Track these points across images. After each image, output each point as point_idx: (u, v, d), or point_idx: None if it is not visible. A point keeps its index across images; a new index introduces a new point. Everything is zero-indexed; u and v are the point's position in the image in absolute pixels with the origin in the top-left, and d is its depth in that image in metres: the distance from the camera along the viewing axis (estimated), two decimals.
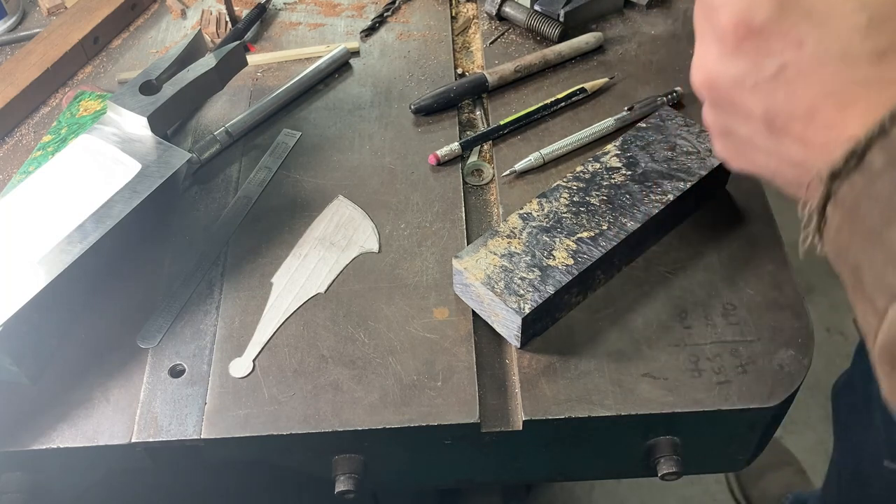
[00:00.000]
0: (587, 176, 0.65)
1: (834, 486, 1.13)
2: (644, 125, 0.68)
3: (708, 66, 0.40)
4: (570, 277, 0.58)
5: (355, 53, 0.84)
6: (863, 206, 0.33)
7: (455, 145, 0.73)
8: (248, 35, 0.87)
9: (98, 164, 0.65)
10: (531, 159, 0.71)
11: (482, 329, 0.62)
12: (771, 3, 0.36)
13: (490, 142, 0.74)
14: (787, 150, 0.38)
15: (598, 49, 0.81)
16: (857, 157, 0.33)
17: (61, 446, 0.57)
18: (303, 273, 0.65)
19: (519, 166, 0.71)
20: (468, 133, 0.76)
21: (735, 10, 0.37)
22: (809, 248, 0.38)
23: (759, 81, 0.37)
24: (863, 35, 0.34)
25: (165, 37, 0.88)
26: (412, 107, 0.76)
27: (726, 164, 0.45)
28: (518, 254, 0.60)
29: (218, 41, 0.86)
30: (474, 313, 0.62)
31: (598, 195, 0.63)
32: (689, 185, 0.63)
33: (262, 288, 0.65)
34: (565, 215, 0.62)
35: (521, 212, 0.63)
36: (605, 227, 0.61)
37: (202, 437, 0.57)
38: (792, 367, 0.58)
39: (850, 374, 1.10)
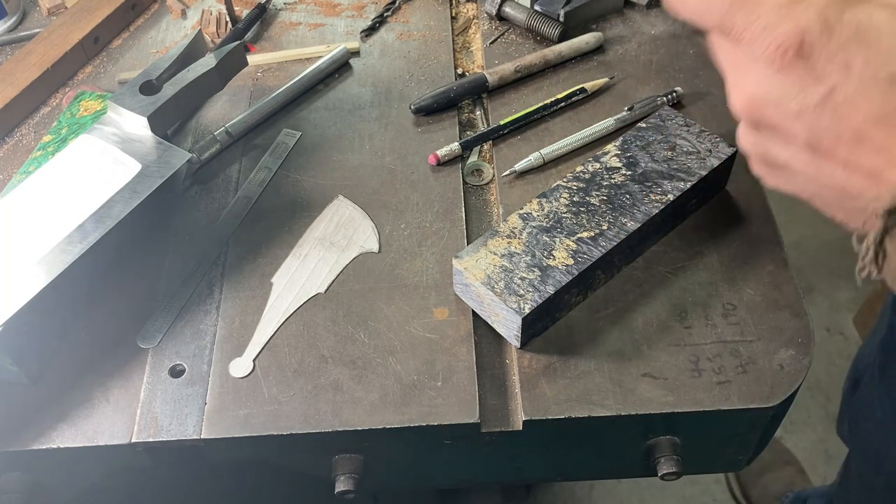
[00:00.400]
0: (587, 176, 0.65)
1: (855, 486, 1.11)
2: (644, 125, 0.68)
3: (749, 88, 0.39)
4: (570, 277, 0.58)
5: (355, 53, 0.84)
6: None
7: (455, 145, 0.73)
8: (248, 35, 0.87)
9: (98, 164, 0.65)
10: (531, 159, 0.71)
11: (482, 329, 0.62)
12: (818, 23, 0.35)
13: (490, 142, 0.74)
14: (830, 174, 0.37)
15: (598, 49, 0.81)
16: None
17: (61, 446, 0.57)
18: (303, 273, 0.65)
19: (519, 166, 0.71)
20: (468, 133, 0.76)
21: (783, 32, 0.36)
22: (866, 277, 0.37)
23: (805, 105, 0.36)
24: None
25: (165, 37, 0.88)
26: (412, 107, 0.76)
27: (762, 181, 0.44)
28: (518, 254, 0.60)
29: (218, 41, 0.86)
30: (474, 313, 0.62)
31: (598, 195, 0.63)
32: (689, 185, 0.63)
33: (262, 288, 0.65)
34: (565, 215, 0.62)
35: (521, 212, 0.63)
36: (605, 227, 0.61)
37: (202, 437, 0.57)
38: (792, 367, 0.58)
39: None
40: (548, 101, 0.76)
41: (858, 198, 0.36)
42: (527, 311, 0.57)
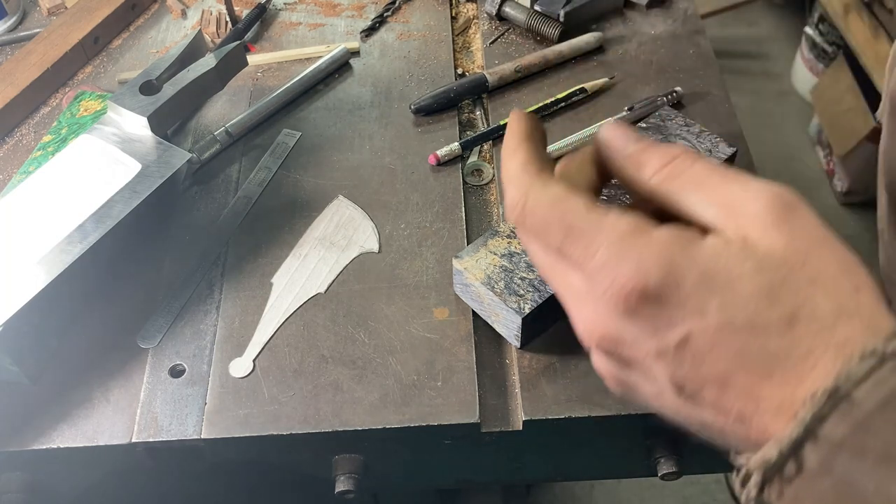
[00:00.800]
0: None
1: None
2: (644, 125, 0.68)
3: (597, 325, 0.35)
4: None
5: (355, 53, 0.84)
6: (806, 503, 0.31)
7: (455, 145, 0.73)
8: (248, 35, 0.87)
9: (98, 164, 0.65)
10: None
11: (482, 329, 0.62)
12: (661, 269, 0.32)
13: (490, 142, 0.74)
14: (698, 413, 0.35)
15: (598, 49, 0.81)
16: (786, 455, 0.31)
17: (61, 446, 0.57)
18: (303, 273, 0.65)
19: None
20: (468, 133, 0.76)
21: (622, 276, 0.33)
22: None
23: (662, 350, 0.34)
24: (767, 300, 0.31)
25: (165, 37, 0.88)
26: (412, 107, 0.76)
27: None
28: (518, 254, 0.60)
29: (218, 41, 0.86)
30: (474, 313, 0.62)
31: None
32: None
33: (262, 288, 0.65)
34: None
35: None
36: None
37: (202, 437, 0.57)
38: None
39: None
40: (548, 101, 0.76)
41: (731, 439, 0.34)
42: (527, 311, 0.57)
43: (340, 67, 0.82)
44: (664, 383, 0.35)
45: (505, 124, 0.74)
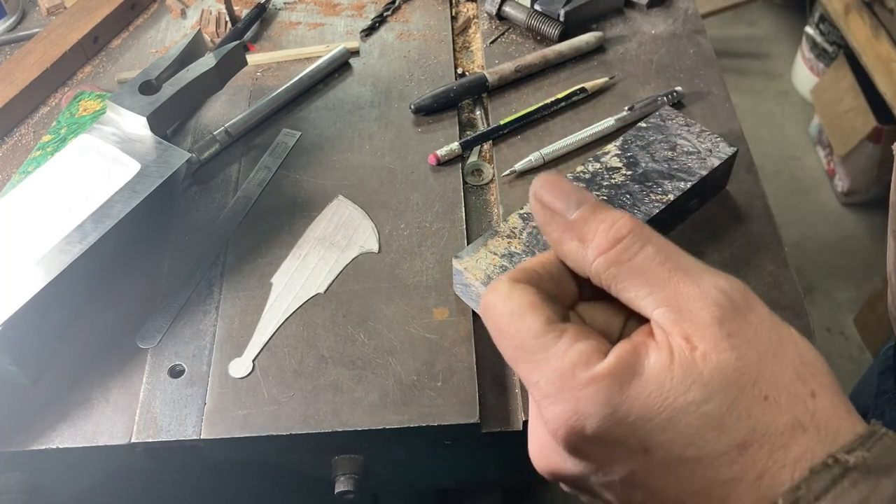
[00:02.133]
0: (587, 176, 0.65)
1: None
2: (644, 125, 0.68)
3: (546, 456, 0.35)
4: None
5: (355, 53, 0.84)
6: None
7: (455, 145, 0.73)
8: (248, 35, 0.87)
9: (97, 164, 0.65)
10: (531, 159, 0.71)
11: (482, 329, 0.62)
12: (601, 411, 0.31)
13: (490, 142, 0.74)
14: None
15: (599, 49, 0.81)
16: None
17: (61, 446, 0.57)
18: (302, 273, 0.65)
19: (519, 166, 0.71)
20: (468, 133, 0.76)
21: (560, 418, 0.32)
22: None
23: (609, 485, 0.33)
24: (716, 431, 0.30)
25: (165, 37, 0.88)
26: (412, 106, 0.76)
27: None
28: (518, 254, 0.60)
29: (218, 41, 0.86)
30: (474, 313, 0.62)
31: (598, 195, 0.63)
32: (689, 185, 0.63)
33: (262, 288, 0.65)
34: None
35: (521, 212, 0.63)
36: None
37: (202, 437, 0.56)
38: None
39: None
40: (548, 100, 0.76)
41: None
42: None
43: (340, 67, 0.82)
44: None
45: (506, 124, 0.74)
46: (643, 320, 0.34)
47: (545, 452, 0.35)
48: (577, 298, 0.38)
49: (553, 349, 0.33)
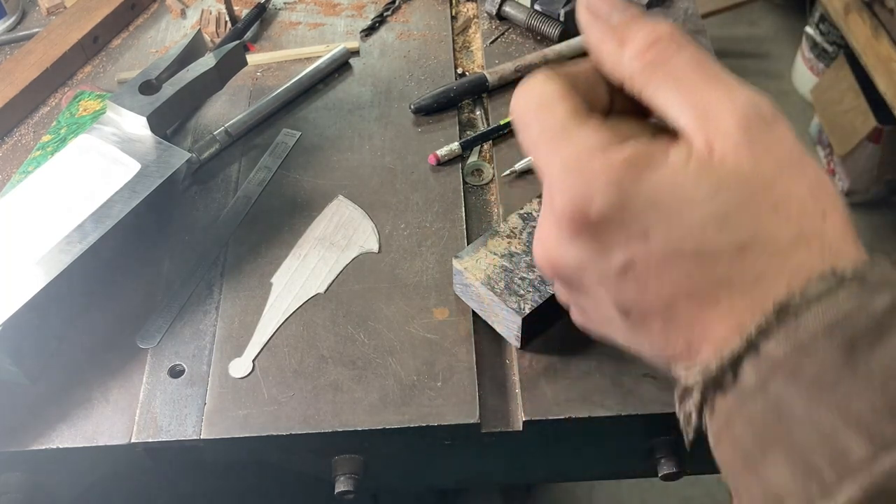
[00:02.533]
0: None
1: None
2: None
3: (548, 245, 0.35)
4: None
5: (355, 53, 0.84)
6: (737, 425, 0.30)
7: (455, 145, 0.73)
8: (248, 35, 0.87)
9: (97, 164, 0.65)
10: (531, 159, 0.71)
11: (482, 329, 0.62)
12: (609, 191, 0.31)
13: (490, 142, 0.74)
14: (647, 341, 0.34)
15: None
16: (726, 370, 0.30)
17: (61, 446, 0.57)
18: (302, 273, 0.65)
19: (519, 166, 0.71)
20: (468, 133, 0.76)
21: (568, 197, 0.32)
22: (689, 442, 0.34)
23: (605, 274, 0.33)
24: (719, 227, 0.30)
25: (165, 36, 0.88)
26: (412, 106, 0.76)
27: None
28: (518, 254, 0.60)
29: (218, 41, 0.86)
30: (474, 313, 0.62)
31: None
32: None
33: (262, 288, 0.65)
34: None
35: (521, 212, 0.63)
36: None
37: (202, 437, 0.56)
38: None
39: None
40: None
41: (677, 363, 0.33)
42: (527, 311, 0.56)
43: (340, 67, 0.82)
44: (610, 309, 0.34)
45: (506, 124, 0.74)
46: (670, 140, 0.35)
47: (548, 243, 0.35)
48: (608, 109, 0.38)
49: (576, 133, 0.33)
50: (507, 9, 0.85)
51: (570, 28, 0.82)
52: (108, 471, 0.60)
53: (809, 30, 2.05)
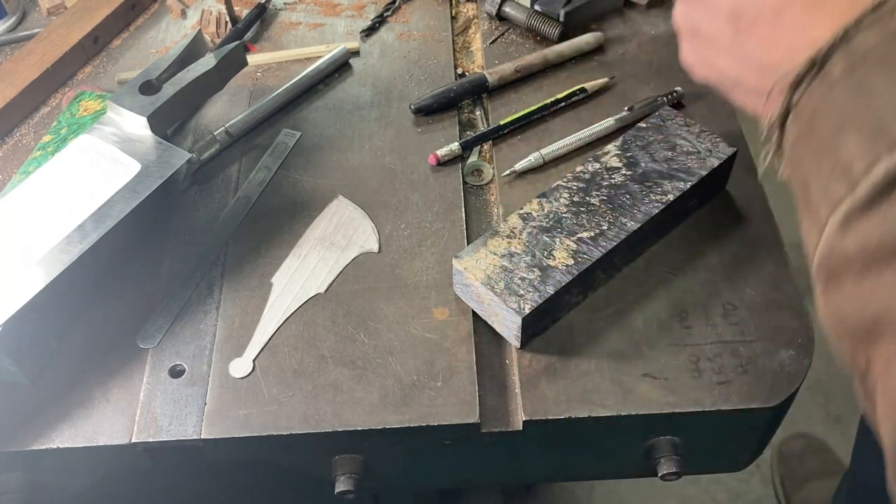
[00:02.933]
0: (587, 176, 0.65)
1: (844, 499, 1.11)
2: (644, 125, 0.68)
3: None
4: (571, 277, 0.58)
5: (355, 53, 0.84)
6: (818, 116, 0.33)
7: (455, 145, 0.73)
8: (248, 35, 0.87)
9: (98, 164, 0.65)
10: (531, 159, 0.71)
11: (482, 329, 0.62)
12: None
13: (490, 142, 0.74)
14: (751, 51, 0.38)
15: (599, 49, 0.81)
16: (818, 64, 0.33)
17: (61, 446, 0.57)
18: (303, 273, 0.65)
19: (519, 166, 0.71)
20: (468, 133, 0.76)
21: None
22: (769, 167, 0.38)
23: None
24: None
25: (165, 37, 0.88)
26: (412, 107, 0.76)
27: (691, 74, 0.45)
28: (518, 254, 0.60)
29: (218, 41, 0.86)
30: (474, 313, 0.62)
31: (598, 195, 0.63)
32: (689, 185, 0.63)
33: (262, 288, 0.65)
34: (565, 215, 0.62)
35: (521, 212, 0.63)
36: (605, 227, 0.61)
37: (202, 437, 0.56)
38: (792, 367, 0.58)
39: None
40: (548, 101, 0.76)
41: (774, 73, 0.36)
42: (527, 311, 0.57)
43: (340, 67, 0.82)
44: (724, 17, 0.38)
45: (506, 124, 0.74)
46: None
47: None
48: None
49: None
50: (507, 9, 0.85)
51: (569, 28, 0.82)
52: (108, 471, 0.60)
53: None
